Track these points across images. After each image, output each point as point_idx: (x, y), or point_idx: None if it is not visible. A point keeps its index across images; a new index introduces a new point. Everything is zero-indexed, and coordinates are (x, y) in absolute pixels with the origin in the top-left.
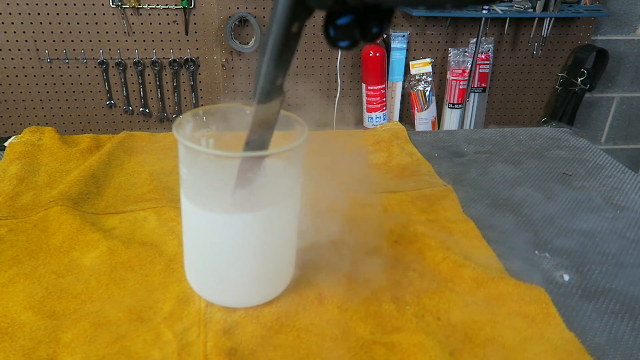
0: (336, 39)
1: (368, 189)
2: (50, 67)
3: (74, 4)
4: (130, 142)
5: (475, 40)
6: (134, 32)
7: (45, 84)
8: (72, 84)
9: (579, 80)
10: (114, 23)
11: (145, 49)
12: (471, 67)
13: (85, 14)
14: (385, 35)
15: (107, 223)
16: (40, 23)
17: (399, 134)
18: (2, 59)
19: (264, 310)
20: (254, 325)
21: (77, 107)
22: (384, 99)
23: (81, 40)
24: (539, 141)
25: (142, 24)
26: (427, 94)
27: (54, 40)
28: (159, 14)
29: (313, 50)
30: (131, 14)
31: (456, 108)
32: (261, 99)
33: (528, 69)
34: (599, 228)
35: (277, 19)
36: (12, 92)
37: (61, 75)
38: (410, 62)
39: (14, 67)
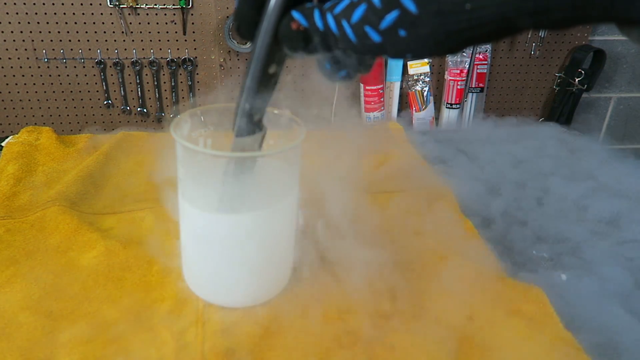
0: (334, 71)
1: (366, 189)
2: (48, 67)
3: (72, 4)
4: (128, 141)
5: None
6: (131, 32)
7: (43, 83)
8: (69, 83)
9: (577, 80)
10: (112, 23)
11: (143, 49)
12: (469, 67)
13: (83, 14)
14: None
15: (104, 223)
16: (38, 23)
17: (397, 134)
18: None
19: (262, 310)
20: (252, 326)
21: (75, 107)
22: (382, 99)
23: (79, 40)
24: (537, 140)
25: (139, 23)
26: (425, 94)
27: (51, 40)
28: (156, 14)
29: None
30: (129, 14)
31: (454, 108)
32: (239, 134)
33: (526, 69)
34: (597, 227)
35: (254, 59)
36: (9, 92)
37: (59, 75)
38: (408, 62)
39: (11, 67)
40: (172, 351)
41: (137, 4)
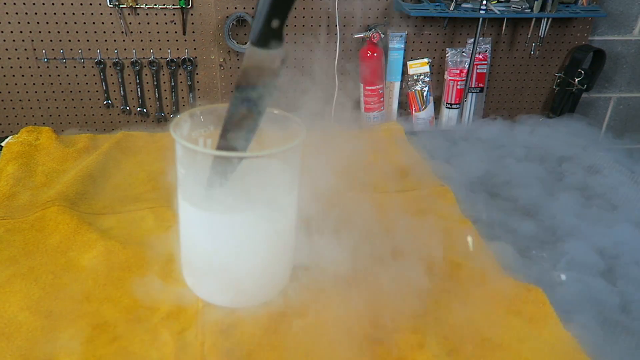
0: None
1: (366, 189)
2: (48, 67)
3: (71, 4)
4: (128, 142)
5: (472, 40)
6: (131, 32)
7: (43, 83)
8: (69, 83)
9: (576, 80)
10: (112, 23)
11: (142, 49)
12: (469, 67)
13: (83, 14)
14: (383, 36)
15: (104, 223)
16: (38, 23)
17: (396, 134)
18: None
19: (262, 310)
20: (251, 326)
21: (75, 107)
22: (382, 99)
23: (78, 40)
24: (537, 141)
25: (139, 23)
26: (425, 94)
27: (51, 40)
28: (156, 14)
29: (311, 50)
30: (128, 14)
31: (454, 108)
32: (255, 39)
33: (525, 69)
34: (596, 227)
35: None
36: (9, 92)
37: (58, 75)
38: (407, 62)
39: (11, 67)
40: (172, 351)
41: (137, 4)
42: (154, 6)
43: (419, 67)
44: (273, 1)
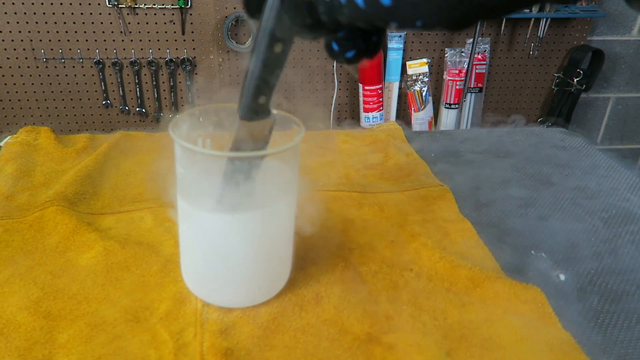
0: (341, 51)
1: (365, 189)
2: (47, 67)
3: (70, 4)
4: (127, 142)
5: (471, 40)
6: (130, 32)
7: (42, 83)
8: (68, 83)
9: (575, 80)
10: (111, 23)
11: (141, 49)
12: (468, 67)
13: (82, 14)
14: None
15: (103, 223)
16: (37, 22)
17: (395, 134)
18: None
19: (261, 310)
20: (250, 326)
21: (74, 107)
22: (381, 99)
23: (77, 40)
24: (535, 141)
25: (138, 23)
26: (424, 94)
27: (50, 40)
28: (155, 14)
29: (310, 50)
30: (127, 14)
31: (453, 108)
32: (243, 115)
33: (524, 69)
34: (595, 227)
35: (260, 36)
36: (7, 92)
37: (57, 75)
38: (407, 62)
39: (10, 67)
40: (171, 351)
41: (136, 4)
42: (153, 6)
43: (418, 67)
44: (258, 83)
